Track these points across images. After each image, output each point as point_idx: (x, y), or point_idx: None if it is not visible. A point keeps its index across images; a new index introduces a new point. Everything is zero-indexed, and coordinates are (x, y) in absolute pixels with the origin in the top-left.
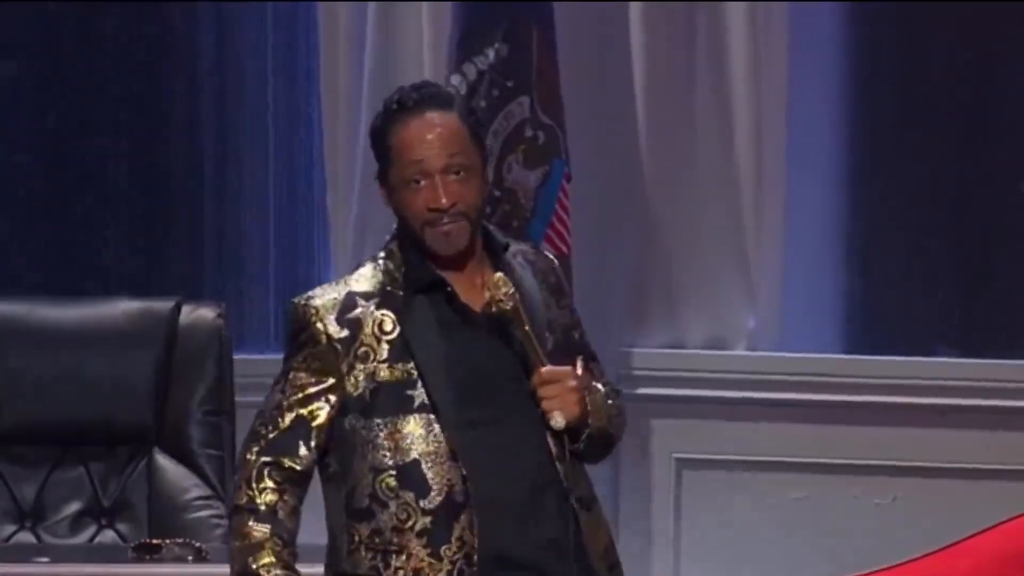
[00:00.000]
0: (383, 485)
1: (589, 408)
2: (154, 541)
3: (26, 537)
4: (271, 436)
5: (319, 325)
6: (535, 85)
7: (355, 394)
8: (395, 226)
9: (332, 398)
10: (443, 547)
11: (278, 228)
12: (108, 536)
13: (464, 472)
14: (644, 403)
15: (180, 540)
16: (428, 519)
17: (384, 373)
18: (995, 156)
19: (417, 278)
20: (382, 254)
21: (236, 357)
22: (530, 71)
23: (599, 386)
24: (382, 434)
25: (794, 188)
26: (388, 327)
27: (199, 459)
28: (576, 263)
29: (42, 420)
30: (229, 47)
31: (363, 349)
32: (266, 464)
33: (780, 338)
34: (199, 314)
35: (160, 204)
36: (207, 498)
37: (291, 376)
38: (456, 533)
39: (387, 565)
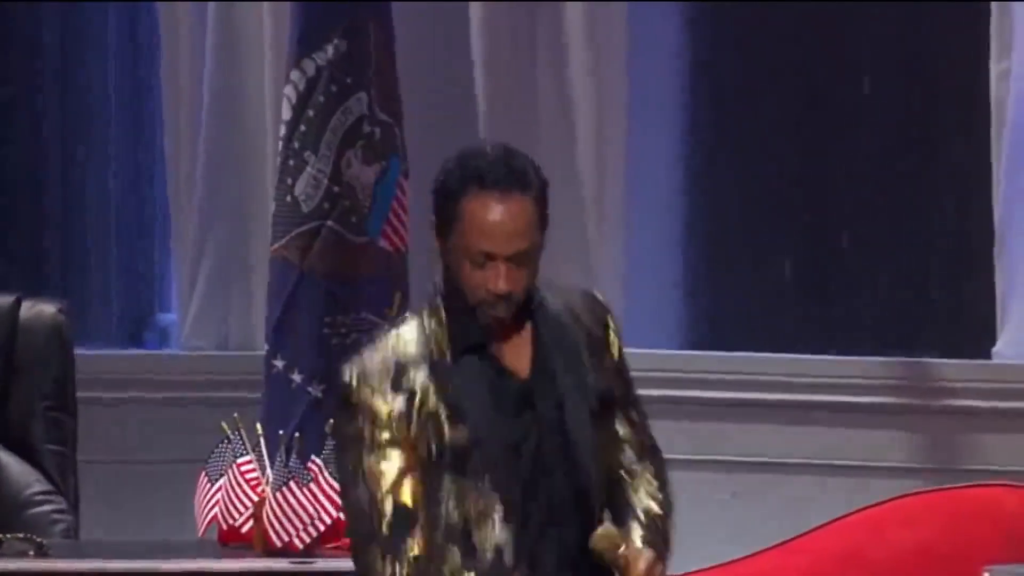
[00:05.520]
0: (440, 544)
1: None
2: None
3: None
4: (385, 534)
5: (376, 400)
6: (373, 82)
7: (421, 456)
8: (440, 278)
9: (407, 469)
10: None
11: (120, 224)
12: None
13: (513, 537)
14: None
15: (21, 535)
16: None
17: (446, 434)
18: (836, 152)
19: (464, 340)
20: (427, 310)
21: (77, 353)
22: (368, 68)
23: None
24: (438, 492)
25: (635, 185)
26: (440, 390)
27: (41, 455)
28: (414, 259)
29: None
30: (72, 46)
31: (424, 412)
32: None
33: (622, 334)
34: (40, 310)
35: (1, 200)
36: (48, 493)
37: (365, 462)
38: None
39: None
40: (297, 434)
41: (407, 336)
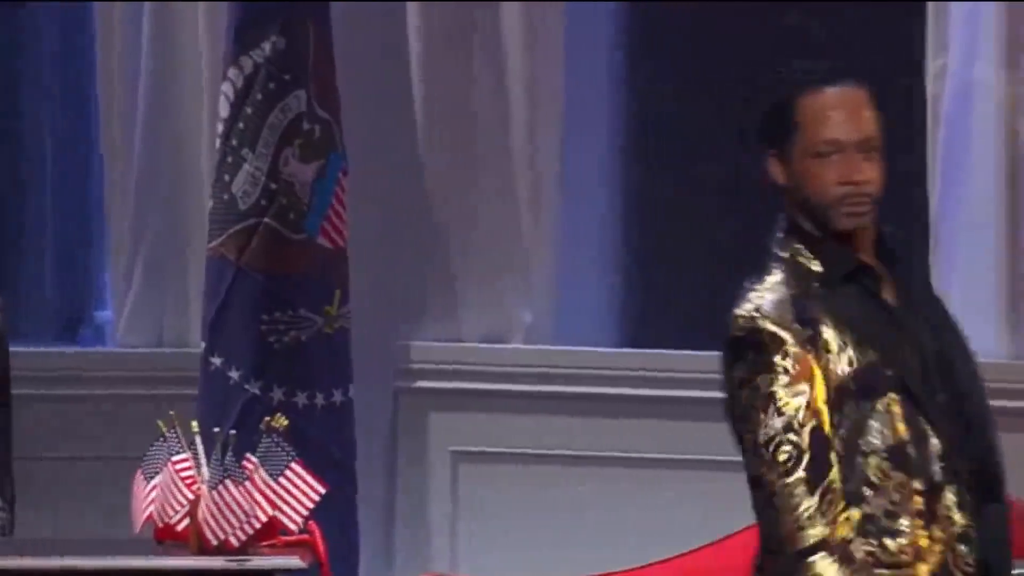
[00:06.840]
0: (875, 468)
1: None
2: None
3: None
4: (805, 462)
5: (783, 333)
6: (311, 79)
7: (834, 385)
8: (780, 231)
9: (819, 397)
10: (935, 527)
11: (55, 220)
12: None
13: (941, 451)
14: (422, 396)
15: None
16: (921, 500)
17: (855, 359)
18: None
19: (842, 266)
20: (783, 256)
21: (12, 350)
22: (306, 65)
23: None
24: (869, 418)
25: (570, 184)
26: (835, 319)
27: None
28: (353, 257)
29: None
30: (5, 44)
31: (824, 341)
32: (823, 493)
33: (556, 332)
34: None
35: None
36: None
37: (779, 392)
38: (942, 512)
39: (884, 549)
40: (233, 432)
41: (783, 281)
